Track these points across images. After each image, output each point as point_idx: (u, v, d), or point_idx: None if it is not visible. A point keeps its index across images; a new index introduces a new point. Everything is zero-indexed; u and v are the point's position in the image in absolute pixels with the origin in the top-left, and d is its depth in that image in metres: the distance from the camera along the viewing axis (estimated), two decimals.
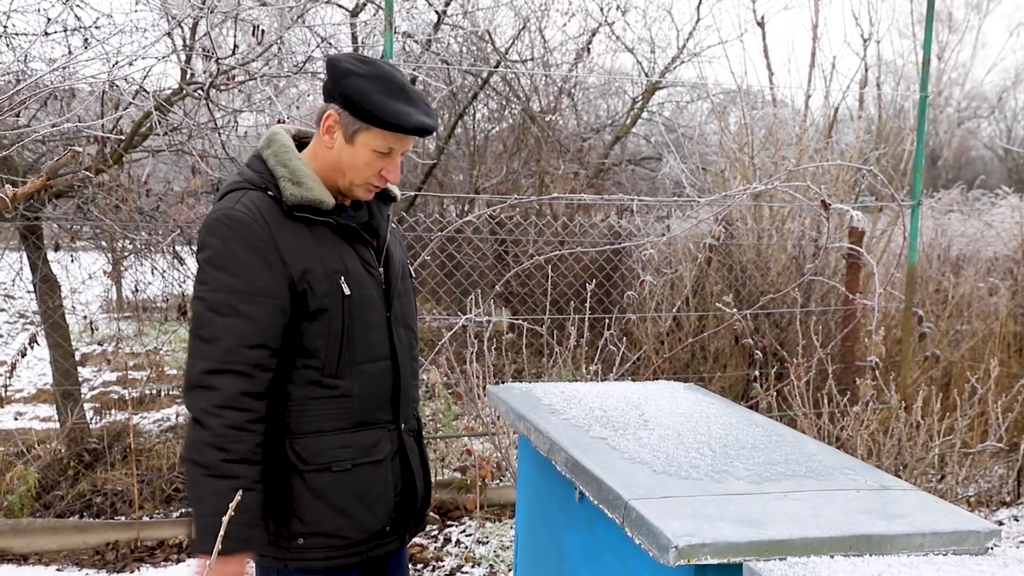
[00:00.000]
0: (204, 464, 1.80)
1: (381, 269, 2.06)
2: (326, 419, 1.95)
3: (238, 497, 1.55)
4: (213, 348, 1.82)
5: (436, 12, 7.72)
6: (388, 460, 2.04)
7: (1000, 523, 4.76)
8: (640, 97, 9.68)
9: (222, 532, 1.61)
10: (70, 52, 4.75)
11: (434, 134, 9.32)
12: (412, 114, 1.91)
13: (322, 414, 1.95)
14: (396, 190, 2.17)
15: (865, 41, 7.83)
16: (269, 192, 1.93)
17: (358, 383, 1.97)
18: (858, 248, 5.36)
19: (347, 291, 1.94)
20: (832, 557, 1.40)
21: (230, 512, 1.49)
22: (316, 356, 1.93)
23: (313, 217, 1.94)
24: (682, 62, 9.37)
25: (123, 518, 4.49)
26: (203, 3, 4.51)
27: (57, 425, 5.37)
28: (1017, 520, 4.81)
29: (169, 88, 4.95)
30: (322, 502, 1.95)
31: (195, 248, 1.96)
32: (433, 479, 4.76)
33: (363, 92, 1.88)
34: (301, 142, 2.07)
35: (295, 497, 1.95)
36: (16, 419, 6.56)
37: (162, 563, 4.13)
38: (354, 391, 1.97)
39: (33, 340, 4.92)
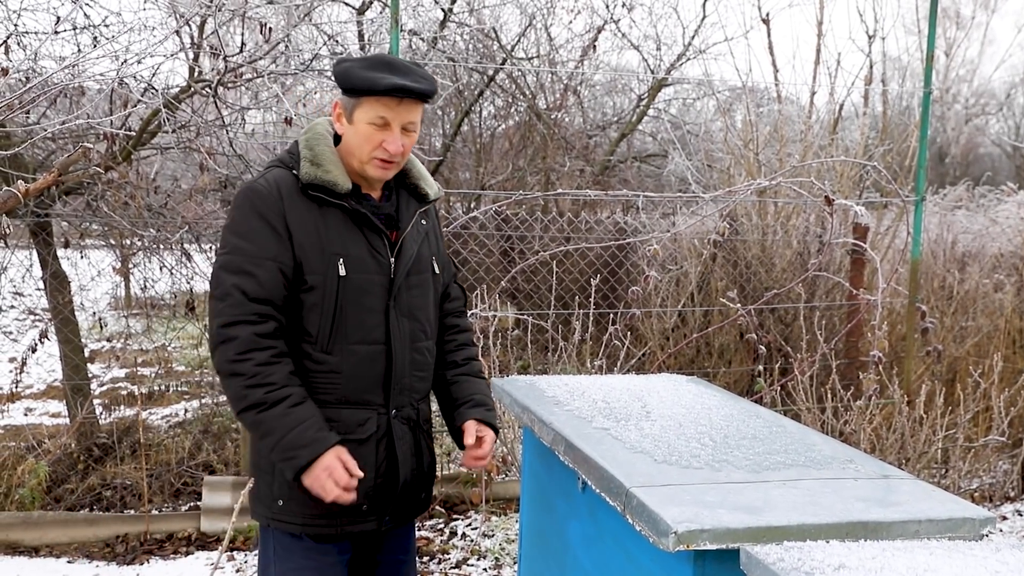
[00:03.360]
0: (254, 404, 1.94)
1: (392, 259, 2.13)
2: (314, 392, 2.04)
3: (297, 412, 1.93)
4: (225, 304, 1.98)
5: (442, 10, 7.75)
6: (373, 441, 2.11)
7: (1004, 517, 4.78)
8: (646, 94, 9.70)
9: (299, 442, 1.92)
10: (79, 50, 4.79)
11: (439, 129, 9.36)
12: (387, 77, 2.01)
13: (311, 386, 2.04)
14: (432, 189, 2.27)
15: (870, 38, 7.82)
16: (294, 171, 2.08)
17: (347, 362, 2.07)
18: (862, 244, 5.38)
19: (343, 272, 2.05)
20: (828, 542, 1.43)
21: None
22: (310, 330, 2.05)
23: (326, 198, 2.06)
24: (688, 59, 9.38)
25: (132, 511, 4.53)
26: (211, 1, 4.55)
27: (67, 420, 5.42)
28: (1021, 514, 4.82)
29: (177, 86, 4.99)
30: None
31: (203, 245, 2.11)
32: (439, 473, 4.81)
33: (348, 71, 2.05)
34: None
35: None
36: (26, 415, 6.62)
37: (171, 555, 4.18)
38: (343, 369, 2.07)
39: (43, 336, 4.97)
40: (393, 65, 2.05)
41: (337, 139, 2.16)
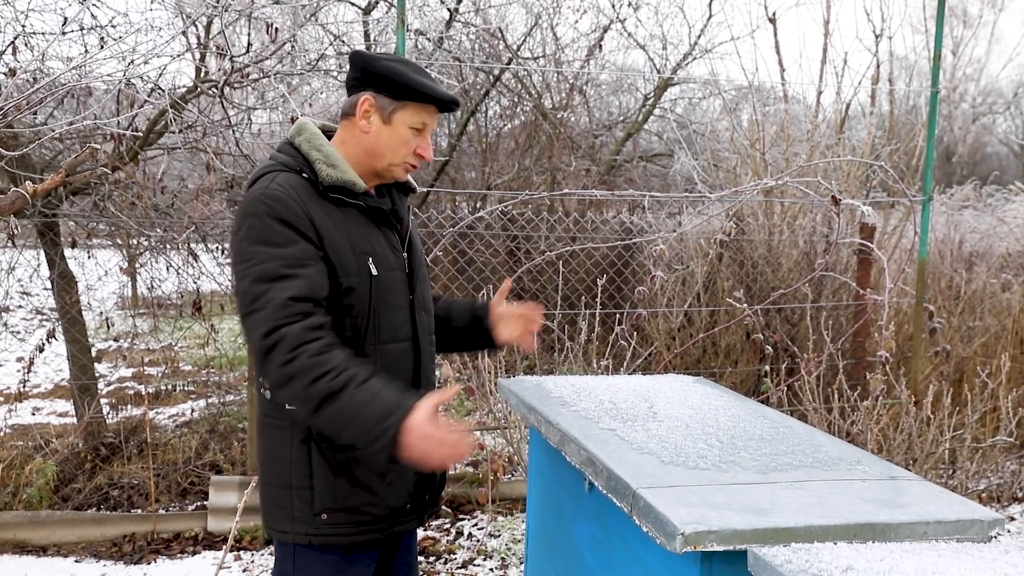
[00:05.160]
0: (321, 400, 1.78)
1: (405, 254, 2.13)
2: None
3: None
4: (264, 313, 1.83)
5: (448, 9, 7.75)
6: None
7: (1012, 518, 4.76)
8: (652, 94, 9.69)
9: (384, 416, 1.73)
10: (86, 51, 4.80)
11: (445, 129, 9.37)
12: (441, 88, 2.04)
13: None
14: (414, 182, 2.25)
15: (877, 37, 7.80)
16: (303, 174, 1.99)
17: (381, 362, 2.01)
18: (869, 244, 5.37)
19: (374, 271, 2.00)
20: (836, 544, 1.42)
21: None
22: (343, 335, 1.96)
23: (345, 199, 2.01)
24: (694, 59, 9.39)
25: (139, 511, 4.55)
26: (217, 1, 4.55)
27: (74, 420, 5.43)
28: None
29: (184, 86, 5.00)
30: (345, 478, 1.99)
31: (209, 245, 2.02)
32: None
33: (398, 71, 2.00)
34: (326, 135, 2.14)
35: (318, 474, 1.99)
36: (34, 414, 6.64)
37: (178, 555, 4.18)
38: (378, 370, 1.98)
39: (50, 336, 4.98)
40: (430, 75, 2.07)
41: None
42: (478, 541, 4.37)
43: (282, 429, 2.01)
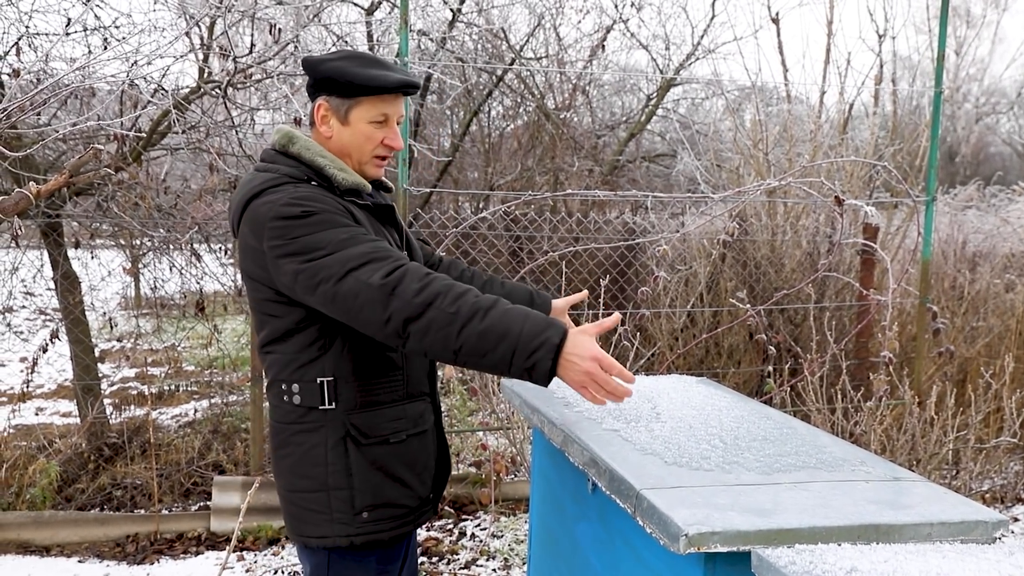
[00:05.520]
0: (472, 313, 1.72)
1: (404, 252, 2.14)
2: (383, 392, 2.01)
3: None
4: (372, 263, 1.79)
5: (451, 10, 7.75)
6: (430, 431, 2.13)
7: (1015, 519, 4.76)
8: (655, 94, 9.69)
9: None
10: (90, 52, 4.81)
11: (447, 129, 9.36)
12: (391, 75, 1.99)
13: (380, 387, 2.00)
14: (389, 181, 2.25)
15: (880, 37, 7.80)
16: (313, 182, 1.97)
17: (406, 356, 2.04)
18: (872, 244, 5.36)
19: None
20: (839, 545, 1.42)
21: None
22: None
23: (358, 201, 2.02)
24: (697, 59, 9.38)
25: (142, 511, 4.55)
26: (220, 2, 4.56)
27: (77, 420, 5.44)
28: None
29: (187, 87, 5.01)
30: (382, 473, 2.00)
31: (212, 245, 2.01)
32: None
33: (341, 69, 1.98)
34: None
35: (357, 472, 1.98)
36: (37, 414, 6.65)
37: (181, 555, 4.19)
38: (403, 363, 2.04)
39: (54, 336, 4.99)
40: (382, 62, 2.03)
41: None
42: (481, 541, 4.37)
43: (312, 432, 1.98)
